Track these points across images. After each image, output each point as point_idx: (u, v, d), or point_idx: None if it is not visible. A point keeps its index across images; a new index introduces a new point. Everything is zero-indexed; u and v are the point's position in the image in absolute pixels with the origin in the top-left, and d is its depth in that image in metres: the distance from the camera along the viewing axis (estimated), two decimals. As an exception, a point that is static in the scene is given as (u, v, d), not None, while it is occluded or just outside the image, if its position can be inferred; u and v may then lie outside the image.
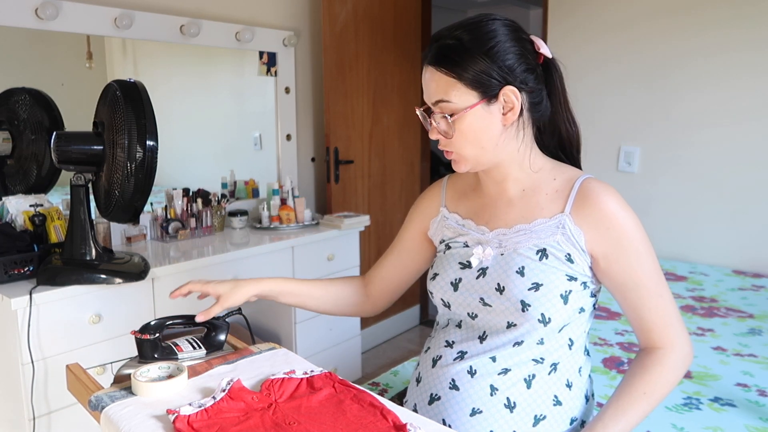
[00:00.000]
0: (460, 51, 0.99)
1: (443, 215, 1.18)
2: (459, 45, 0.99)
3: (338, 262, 2.65)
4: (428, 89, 1.03)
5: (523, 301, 1.00)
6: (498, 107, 1.01)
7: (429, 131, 1.06)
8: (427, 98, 1.04)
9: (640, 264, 1.01)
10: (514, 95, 1.00)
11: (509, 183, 1.09)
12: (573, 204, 1.02)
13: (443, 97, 1.00)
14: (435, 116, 1.03)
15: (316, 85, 3.07)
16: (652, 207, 2.77)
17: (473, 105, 0.99)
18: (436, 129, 1.04)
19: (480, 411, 1.03)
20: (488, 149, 1.03)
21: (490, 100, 1.00)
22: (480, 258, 1.07)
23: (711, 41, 2.54)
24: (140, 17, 2.26)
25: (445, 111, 1.01)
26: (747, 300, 2.15)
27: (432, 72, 1.01)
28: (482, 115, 1.00)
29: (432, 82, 1.01)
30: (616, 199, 1.02)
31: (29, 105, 1.99)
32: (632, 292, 1.03)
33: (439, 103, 1.01)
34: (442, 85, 1.00)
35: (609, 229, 1.00)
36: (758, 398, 1.43)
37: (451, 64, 0.99)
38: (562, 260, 1.01)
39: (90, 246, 1.76)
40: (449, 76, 0.99)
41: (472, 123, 1.00)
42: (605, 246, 1.01)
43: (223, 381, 0.94)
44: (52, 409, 1.73)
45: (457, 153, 1.04)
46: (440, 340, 1.13)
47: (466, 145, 1.02)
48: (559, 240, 1.02)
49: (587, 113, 2.91)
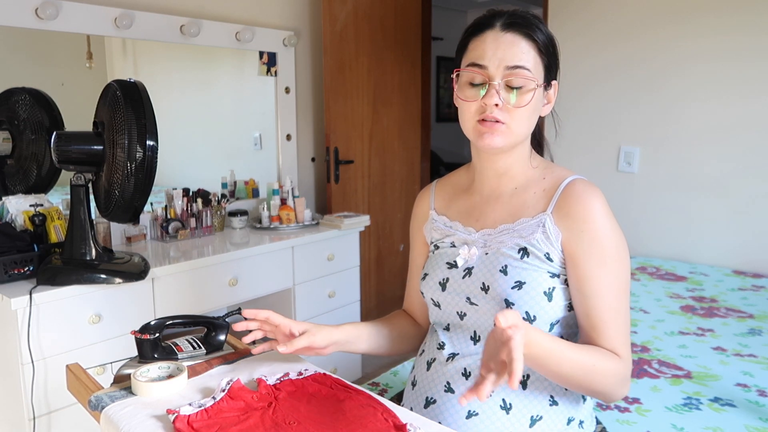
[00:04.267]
0: (545, 31, 1.01)
1: (432, 218, 1.19)
2: (542, 26, 1.01)
3: (338, 262, 2.65)
4: (507, 53, 0.98)
5: (506, 299, 1.00)
6: (544, 97, 1.05)
7: (484, 96, 0.99)
8: (498, 62, 0.98)
9: (606, 273, 0.98)
10: (554, 90, 1.05)
11: (507, 178, 1.09)
12: (556, 203, 1.02)
13: (525, 65, 0.98)
14: (499, 83, 0.98)
15: (316, 85, 3.07)
16: (652, 207, 2.77)
17: (542, 84, 1.02)
18: (496, 94, 0.98)
19: (476, 413, 1.02)
20: (528, 132, 1.05)
21: (546, 87, 1.04)
22: (465, 258, 1.07)
23: (712, 43, 2.53)
24: (140, 17, 2.26)
25: (521, 78, 0.98)
26: (747, 300, 2.14)
27: (516, 38, 0.99)
28: (539, 98, 1.03)
29: (515, 47, 0.98)
30: (599, 203, 1.00)
31: (29, 105, 1.99)
32: (590, 300, 0.99)
33: (519, 69, 0.98)
34: (527, 52, 0.99)
35: (583, 231, 0.99)
36: (758, 398, 1.42)
37: (540, 35, 1.00)
38: (543, 259, 1.01)
39: (90, 246, 1.76)
40: (537, 47, 1.00)
41: (535, 101, 1.01)
42: (576, 246, 0.99)
43: (223, 381, 0.94)
44: (52, 409, 1.73)
45: (507, 126, 1.00)
46: (433, 342, 1.13)
47: (524, 120, 1.01)
48: (539, 239, 1.01)
49: (587, 113, 2.91)
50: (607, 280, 0.98)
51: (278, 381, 0.97)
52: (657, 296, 2.20)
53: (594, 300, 0.99)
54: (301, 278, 2.48)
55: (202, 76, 2.66)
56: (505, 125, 1.00)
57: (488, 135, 1.01)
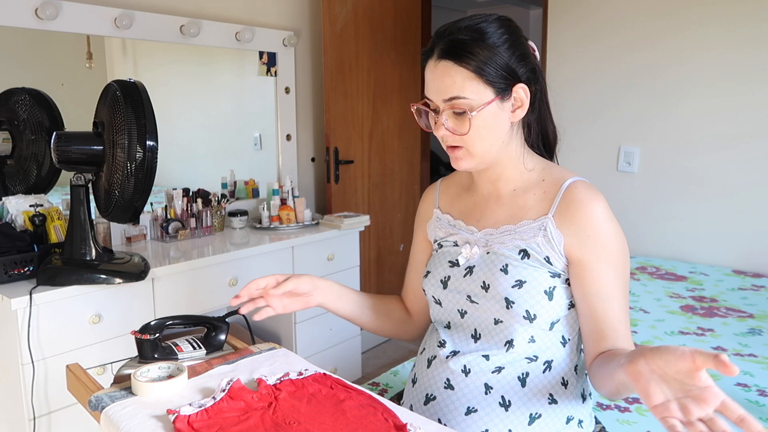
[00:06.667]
0: (479, 46, 0.96)
1: (436, 216, 1.20)
2: (477, 40, 0.97)
3: (338, 262, 2.65)
4: (441, 85, 0.99)
5: (507, 298, 1.01)
6: (509, 104, 1.01)
7: (434, 128, 1.02)
8: (436, 94, 1.00)
9: (614, 277, 0.99)
10: (524, 92, 1.01)
11: (502, 182, 1.09)
12: (557, 207, 1.02)
13: (459, 94, 0.97)
14: (444, 113, 1.00)
15: (316, 85, 3.07)
16: (652, 207, 2.77)
17: (490, 101, 0.98)
18: (443, 126, 1.00)
19: (475, 410, 1.03)
20: (496, 146, 1.03)
21: (504, 97, 1.00)
22: (467, 257, 1.08)
23: (711, 40, 2.53)
24: (140, 17, 2.26)
25: (460, 107, 0.98)
26: (747, 300, 2.14)
27: (447, 67, 0.98)
28: (495, 111, 1.00)
29: (447, 78, 0.98)
30: (602, 208, 1.00)
31: (29, 105, 1.99)
32: (601, 303, 0.99)
33: (454, 100, 0.98)
34: (459, 81, 0.97)
35: (589, 237, 0.99)
36: (758, 398, 1.43)
37: (470, 59, 0.96)
38: (542, 261, 1.01)
39: (90, 246, 1.76)
40: (468, 71, 0.96)
41: (486, 119, 0.99)
42: (583, 252, 0.99)
43: (223, 381, 0.94)
44: (52, 409, 1.73)
45: (466, 150, 1.02)
46: (434, 340, 1.14)
47: (479, 142, 1.01)
48: (539, 242, 1.02)
49: (587, 113, 2.91)
50: (615, 284, 0.99)
51: (278, 381, 0.97)
52: (657, 296, 2.20)
53: (605, 304, 0.99)
54: (301, 278, 2.48)
55: (202, 76, 2.66)
56: (464, 149, 1.02)
57: (455, 160, 1.05)
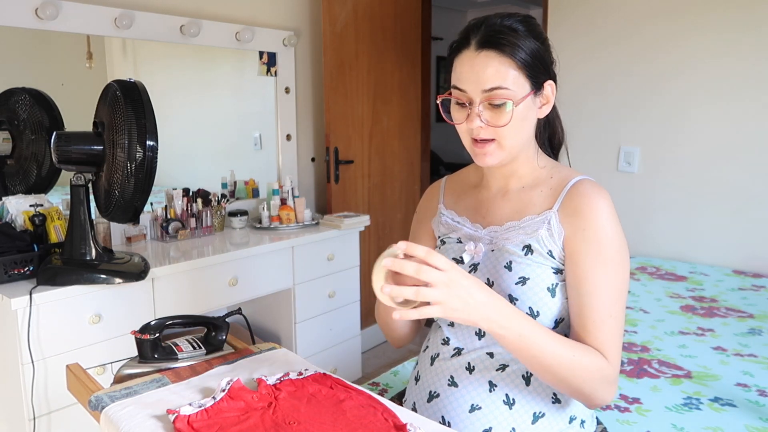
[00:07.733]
0: (524, 38, 0.96)
1: (440, 212, 1.20)
2: (521, 32, 0.97)
3: (338, 262, 2.65)
4: (482, 75, 0.96)
5: (510, 295, 1.01)
6: (538, 100, 1.02)
7: (465, 120, 0.99)
8: (474, 85, 0.97)
9: (604, 274, 0.97)
10: (551, 89, 1.02)
11: (514, 179, 1.09)
12: (562, 202, 1.02)
13: (502, 84, 0.96)
14: (480, 105, 0.97)
15: (316, 85, 3.07)
16: (652, 207, 2.77)
17: (527, 94, 0.98)
18: (478, 117, 0.98)
19: (479, 407, 1.03)
20: (525, 141, 1.03)
21: (537, 92, 1.00)
22: (471, 254, 1.08)
23: (713, 43, 2.53)
24: (140, 17, 2.26)
25: (500, 98, 0.96)
26: (747, 300, 2.14)
27: (489, 56, 0.96)
28: (530, 106, 1.00)
29: (489, 68, 0.96)
30: (605, 204, 0.99)
31: (29, 105, 1.99)
32: (584, 298, 0.97)
33: (495, 90, 0.96)
34: (503, 71, 0.96)
35: (585, 230, 0.99)
36: (758, 398, 1.42)
37: (516, 49, 0.95)
38: (546, 256, 1.01)
39: (90, 246, 1.76)
40: (513, 61, 0.95)
41: (522, 112, 0.99)
42: (577, 244, 0.99)
43: (223, 381, 0.94)
44: (52, 409, 1.73)
45: (497, 143, 1.00)
46: (437, 338, 1.13)
47: (513, 135, 1.00)
48: (543, 235, 1.02)
49: (587, 113, 2.91)
50: (604, 280, 0.98)
51: (278, 381, 0.97)
52: (657, 296, 2.20)
53: (588, 299, 0.98)
54: (301, 278, 2.48)
55: (202, 76, 2.66)
56: (495, 142, 1.01)
57: (481, 156, 1.02)
